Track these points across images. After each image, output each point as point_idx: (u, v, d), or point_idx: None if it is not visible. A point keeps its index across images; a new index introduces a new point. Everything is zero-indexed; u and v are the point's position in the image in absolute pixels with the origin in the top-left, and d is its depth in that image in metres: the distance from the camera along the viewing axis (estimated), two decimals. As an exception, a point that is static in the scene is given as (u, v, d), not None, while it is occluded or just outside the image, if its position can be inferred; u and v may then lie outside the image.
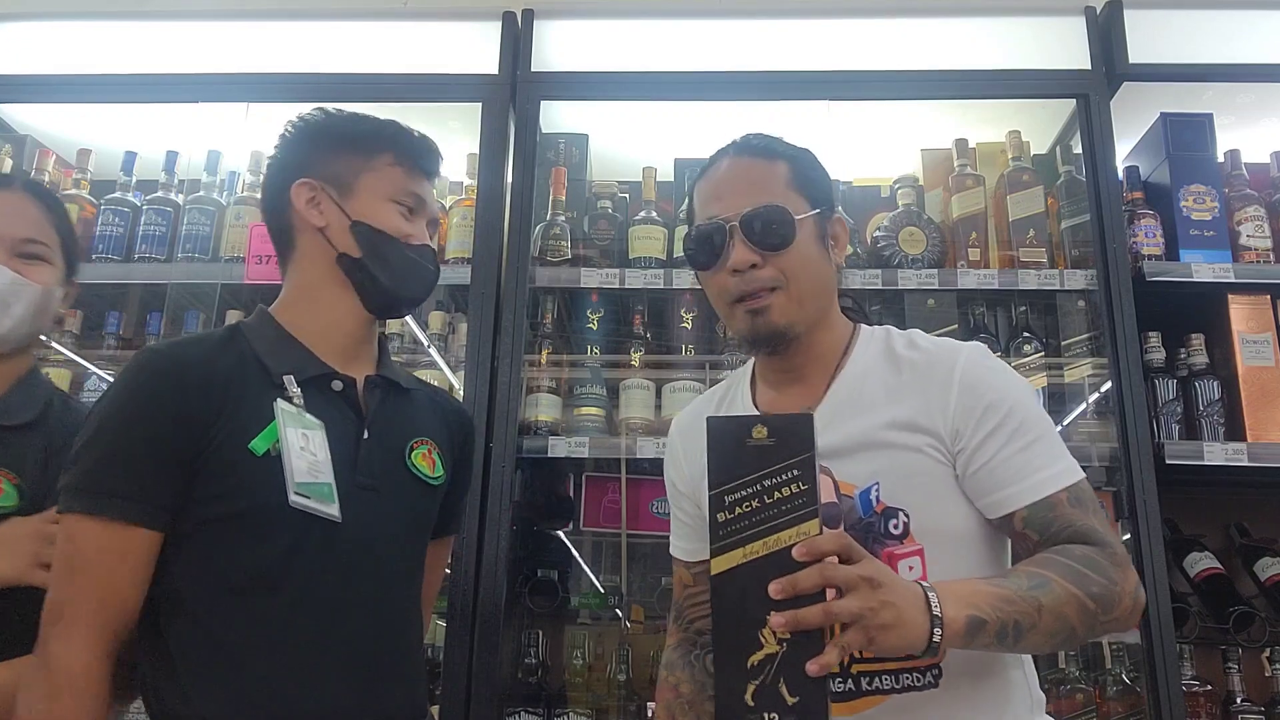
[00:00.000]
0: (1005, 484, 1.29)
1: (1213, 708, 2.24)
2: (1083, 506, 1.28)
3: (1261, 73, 2.47)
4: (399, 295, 1.44)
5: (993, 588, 1.15)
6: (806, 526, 1.04)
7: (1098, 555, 1.22)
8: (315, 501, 1.28)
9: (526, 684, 2.28)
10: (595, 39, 2.62)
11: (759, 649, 1.03)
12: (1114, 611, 1.20)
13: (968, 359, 1.35)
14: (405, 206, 1.43)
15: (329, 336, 1.41)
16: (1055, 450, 1.32)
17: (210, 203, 2.59)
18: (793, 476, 1.05)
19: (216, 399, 1.28)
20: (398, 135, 1.46)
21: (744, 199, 1.38)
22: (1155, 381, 2.34)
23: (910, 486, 1.30)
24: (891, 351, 1.41)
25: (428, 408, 1.52)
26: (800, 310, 1.38)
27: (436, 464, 1.46)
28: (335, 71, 2.56)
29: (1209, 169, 2.46)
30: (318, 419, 1.33)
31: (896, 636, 1.05)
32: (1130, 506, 2.16)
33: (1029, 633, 1.13)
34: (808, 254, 1.39)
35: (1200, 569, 2.40)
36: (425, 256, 1.46)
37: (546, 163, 2.61)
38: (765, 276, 1.36)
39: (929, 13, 2.58)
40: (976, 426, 1.30)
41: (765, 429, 1.06)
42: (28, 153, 2.77)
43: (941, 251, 2.47)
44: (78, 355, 2.62)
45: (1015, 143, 2.56)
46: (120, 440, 1.25)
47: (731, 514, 1.05)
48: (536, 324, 2.49)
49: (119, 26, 2.70)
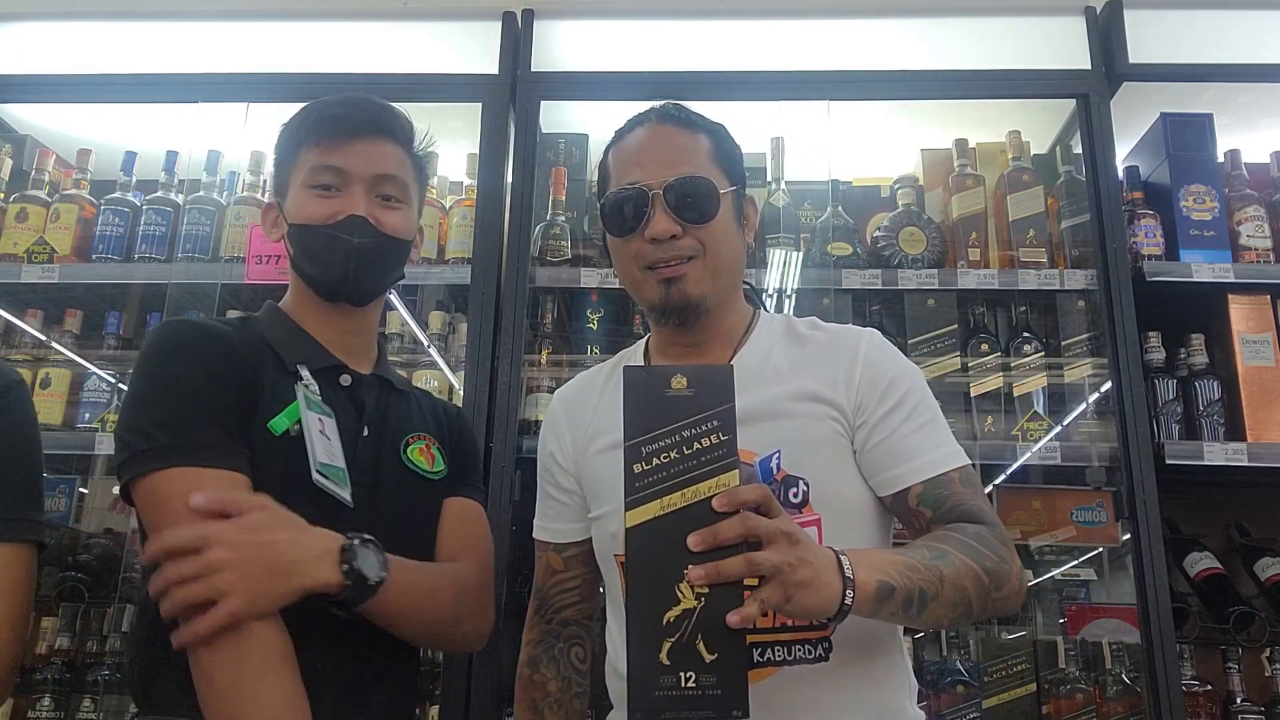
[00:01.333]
0: (903, 459, 1.31)
1: (1213, 708, 2.24)
2: (973, 487, 1.32)
3: (1261, 73, 2.47)
4: (330, 281, 1.39)
5: (898, 556, 1.15)
6: (726, 478, 1.02)
7: (989, 534, 1.24)
8: (333, 484, 1.29)
9: (526, 684, 2.28)
10: (595, 39, 2.63)
11: (675, 604, 0.99)
12: (1004, 589, 1.22)
13: (870, 340, 1.39)
14: (321, 185, 1.39)
15: (319, 332, 1.43)
16: (947, 434, 1.36)
17: (210, 203, 2.59)
18: (712, 427, 1.02)
19: (246, 371, 1.31)
20: (312, 117, 1.42)
21: (667, 168, 1.37)
22: (1155, 381, 2.34)
23: (811, 456, 1.30)
24: (794, 331, 1.43)
25: (420, 407, 1.53)
26: (714, 283, 1.37)
27: (436, 459, 1.47)
28: (335, 71, 2.56)
29: (1209, 169, 2.46)
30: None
31: (812, 595, 1.03)
32: (1130, 506, 2.16)
33: (932, 602, 1.14)
34: (727, 229, 1.39)
35: (1200, 569, 2.41)
36: (344, 228, 1.37)
37: (546, 163, 2.61)
38: (684, 246, 1.35)
39: (929, 13, 2.58)
40: (879, 401, 1.33)
41: (685, 379, 1.04)
42: (28, 153, 2.78)
43: (941, 251, 2.47)
44: (78, 355, 2.62)
45: (1015, 143, 2.56)
46: (184, 395, 1.25)
47: (648, 465, 1.02)
48: (536, 324, 2.49)
49: (119, 26, 2.70)
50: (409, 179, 1.46)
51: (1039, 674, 2.25)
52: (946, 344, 2.44)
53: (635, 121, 1.45)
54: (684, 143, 1.40)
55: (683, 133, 1.41)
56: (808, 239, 2.53)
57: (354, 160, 1.39)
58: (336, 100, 1.44)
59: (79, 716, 2.36)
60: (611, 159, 1.46)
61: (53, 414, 2.51)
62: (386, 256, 1.42)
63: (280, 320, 1.44)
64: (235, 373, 1.30)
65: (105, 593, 2.50)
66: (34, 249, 2.55)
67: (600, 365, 1.60)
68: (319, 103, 1.44)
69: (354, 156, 1.39)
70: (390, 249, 1.42)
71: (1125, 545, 2.24)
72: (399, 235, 1.43)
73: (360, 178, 1.39)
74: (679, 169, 1.36)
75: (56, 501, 2.77)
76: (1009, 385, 2.43)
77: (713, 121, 1.45)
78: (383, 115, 1.44)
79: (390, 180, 1.42)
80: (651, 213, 1.35)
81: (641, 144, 1.41)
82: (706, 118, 1.45)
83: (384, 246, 1.40)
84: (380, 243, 1.39)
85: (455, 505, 1.49)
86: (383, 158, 1.41)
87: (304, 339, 1.42)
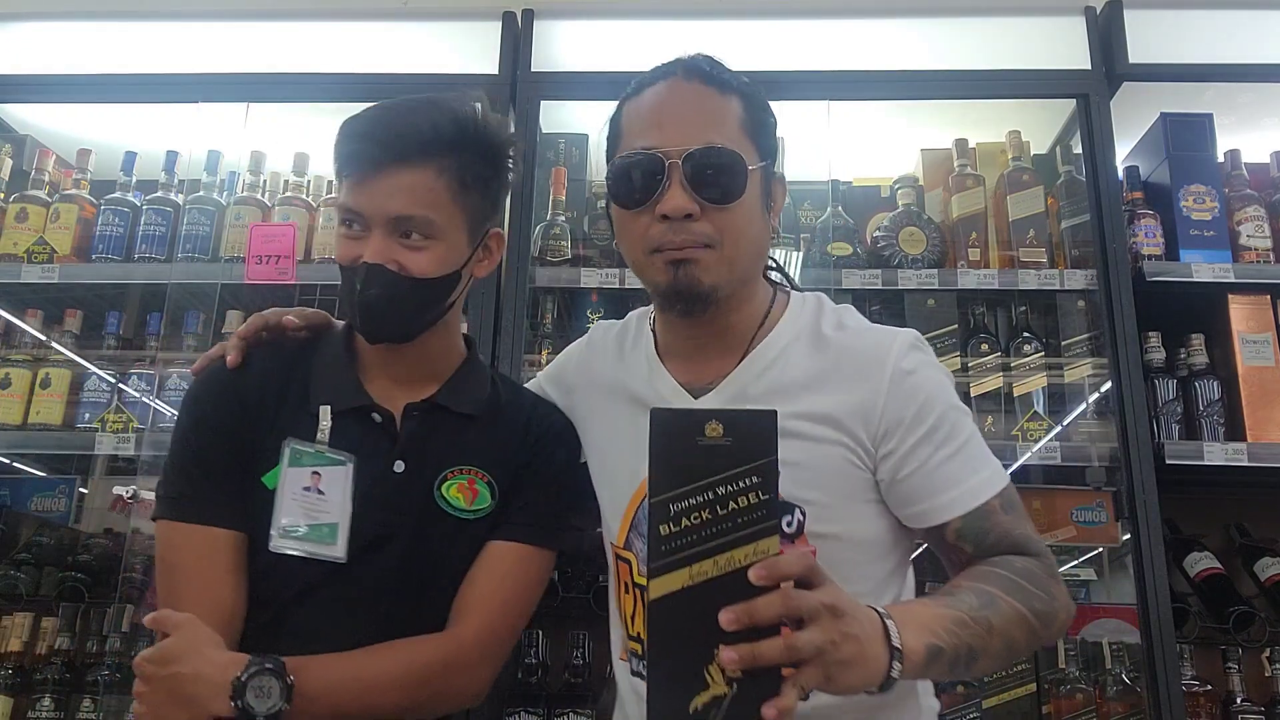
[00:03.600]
0: (937, 492, 1.18)
1: (1213, 708, 2.24)
2: (1015, 512, 1.20)
3: (1261, 73, 2.47)
4: (356, 327, 1.34)
5: (946, 610, 1.05)
6: (765, 544, 0.88)
7: (1037, 568, 1.16)
8: (309, 544, 1.28)
9: (526, 684, 2.28)
10: (595, 39, 2.62)
11: (704, 689, 0.87)
12: (1052, 627, 1.14)
13: (900, 353, 1.21)
14: (346, 224, 1.31)
15: (378, 361, 1.39)
16: (983, 451, 1.23)
17: (210, 203, 2.59)
18: (752, 484, 0.89)
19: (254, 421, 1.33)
20: (340, 145, 1.31)
21: (690, 133, 1.18)
22: (1155, 381, 2.34)
23: (815, 484, 1.18)
24: (818, 332, 1.26)
25: (487, 431, 1.39)
26: (730, 273, 1.21)
27: (480, 494, 1.35)
28: (335, 71, 2.56)
29: (1209, 169, 2.46)
30: (349, 452, 1.32)
31: (857, 672, 0.91)
32: (1130, 506, 2.16)
33: (980, 657, 1.05)
34: (751, 213, 1.21)
35: (1200, 569, 2.40)
36: (360, 276, 1.26)
37: (546, 163, 2.61)
38: (700, 231, 1.18)
39: (929, 13, 2.58)
40: (909, 429, 1.19)
41: (721, 426, 0.90)
42: (28, 153, 2.78)
43: (941, 251, 2.47)
44: (78, 355, 2.62)
45: (1015, 143, 2.56)
46: (182, 450, 1.33)
47: (677, 526, 0.88)
48: (536, 324, 2.49)
49: (119, 26, 2.70)
50: (443, 205, 1.29)
51: (1039, 674, 2.25)
52: (946, 344, 2.44)
53: (658, 73, 1.25)
54: (712, 105, 1.21)
55: (712, 93, 1.21)
56: (808, 239, 2.53)
57: (371, 201, 1.27)
58: (362, 123, 1.30)
59: (79, 716, 2.36)
60: (625, 115, 1.27)
61: (53, 414, 2.51)
62: (410, 302, 1.29)
63: (336, 344, 1.40)
64: (242, 424, 1.32)
65: (105, 593, 2.50)
66: (34, 249, 2.55)
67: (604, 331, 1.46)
68: (350, 122, 1.31)
69: (371, 196, 1.27)
70: (415, 292, 1.29)
71: (1125, 545, 2.24)
72: (427, 275, 1.29)
73: (378, 221, 1.27)
74: (703, 136, 1.18)
75: (56, 501, 2.77)
76: (1009, 385, 2.43)
77: (748, 81, 1.26)
78: (407, 137, 1.27)
79: (410, 220, 1.27)
80: (666, 185, 1.17)
81: (662, 102, 1.22)
82: (741, 76, 1.25)
83: (405, 293, 1.28)
84: (399, 291, 1.27)
85: (488, 551, 1.35)
86: (403, 194, 1.26)
87: (341, 372, 1.37)
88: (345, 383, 1.36)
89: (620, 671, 1.37)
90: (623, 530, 1.33)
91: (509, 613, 1.34)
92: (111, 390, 2.54)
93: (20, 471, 2.81)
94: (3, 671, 2.38)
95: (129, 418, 2.46)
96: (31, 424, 2.51)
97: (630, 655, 1.33)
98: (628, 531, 1.32)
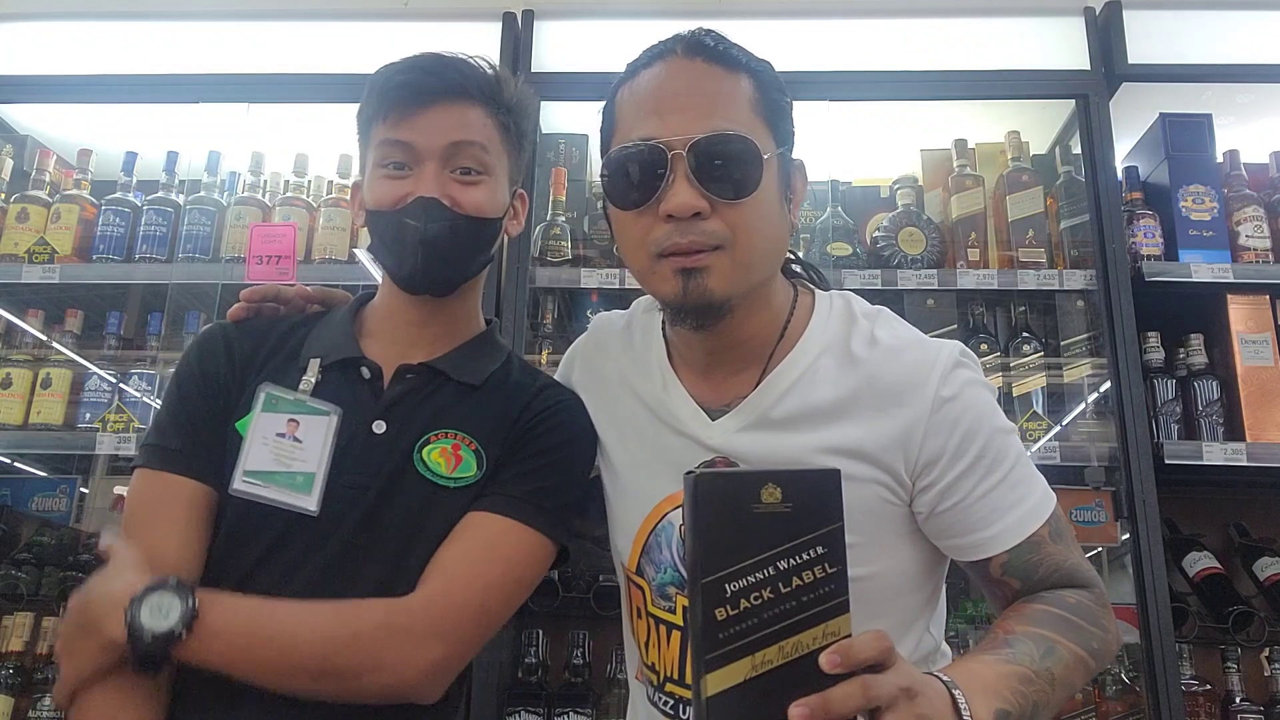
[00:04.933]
0: (981, 526, 1.10)
1: (1212, 707, 2.24)
2: (1063, 539, 1.13)
3: (1261, 73, 2.47)
4: (403, 273, 1.25)
5: (1010, 667, 0.98)
6: (835, 624, 0.79)
7: (1090, 601, 1.11)
8: (276, 492, 1.20)
9: (526, 684, 2.28)
10: (596, 39, 2.62)
11: None
12: (1105, 662, 1.10)
13: (941, 377, 1.10)
14: (393, 164, 1.24)
15: (388, 321, 1.34)
16: (1029, 473, 1.14)
17: (210, 203, 2.59)
18: (818, 555, 0.79)
19: (238, 374, 1.29)
20: (378, 88, 1.25)
21: (694, 119, 1.05)
22: (1154, 381, 2.34)
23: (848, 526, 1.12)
24: (847, 349, 1.14)
25: (483, 400, 1.30)
26: (747, 278, 1.08)
27: (465, 461, 1.24)
28: (335, 72, 2.56)
29: (1208, 169, 2.46)
30: (335, 406, 1.25)
31: None
32: (1130, 506, 2.16)
33: (1042, 710, 0.99)
34: (768, 208, 1.08)
35: (1199, 569, 2.41)
36: (413, 213, 1.20)
37: (546, 163, 2.62)
38: (711, 230, 1.05)
39: (929, 13, 2.58)
40: (953, 459, 1.09)
41: (779, 490, 0.79)
42: (28, 153, 2.78)
43: (941, 252, 2.48)
44: (78, 355, 2.62)
45: (1015, 143, 2.56)
46: (164, 402, 1.29)
47: (735, 609, 0.77)
48: (536, 324, 2.49)
49: (119, 26, 2.70)
50: (494, 143, 1.26)
51: (1038, 673, 2.25)
52: (946, 344, 2.44)
53: (656, 52, 1.12)
54: (718, 85, 1.07)
55: (717, 71, 1.08)
56: (807, 239, 2.53)
57: (423, 133, 1.22)
58: (404, 64, 1.25)
59: (80, 716, 2.36)
60: (620, 102, 1.13)
61: (53, 414, 2.51)
62: (465, 241, 1.23)
63: (337, 313, 1.37)
64: (230, 374, 1.29)
65: (106, 592, 2.50)
66: (35, 249, 2.55)
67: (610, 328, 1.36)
68: (386, 68, 1.26)
69: (423, 129, 1.21)
70: (470, 231, 1.23)
71: (1124, 545, 2.24)
72: (482, 214, 1.24)
73: (432, 153, 1.22)
74: (709, 122, 1.04)
75: (57, 501, 2.77)
76: (1008, 385, 2.44)
77: (758, 58, 1.13)
78: (457, 74, 1.24)
79: (467, 149, 1.23)
80: (670, 179, 1.04)
81: (661, 85, 1.09)
82: (750, 53, 1.13)
83: (461, 230, 1.22)
84: (457, 227, 1.21)
85: (465, 519, 1.22)
86: (457, 125, 1.22)
87: (339, 330, 1.32)
88: (339, 338, 1.31)
89: (636, 688, 1.30)
90: (634, 555, 1.22)
91: (474, 586, 1.16)
92: (112, 390, 2.54)
93: (21, 471, 2.82)
94: (3, 671, 2.38)
95: (130, 418, 2.46)
96: (32, 424, 2.51)
97: (645, 681, 1.24)
98: (640, 557, 1.22)
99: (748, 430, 1.14)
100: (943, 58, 2.53)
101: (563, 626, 2.40)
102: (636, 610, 1.25)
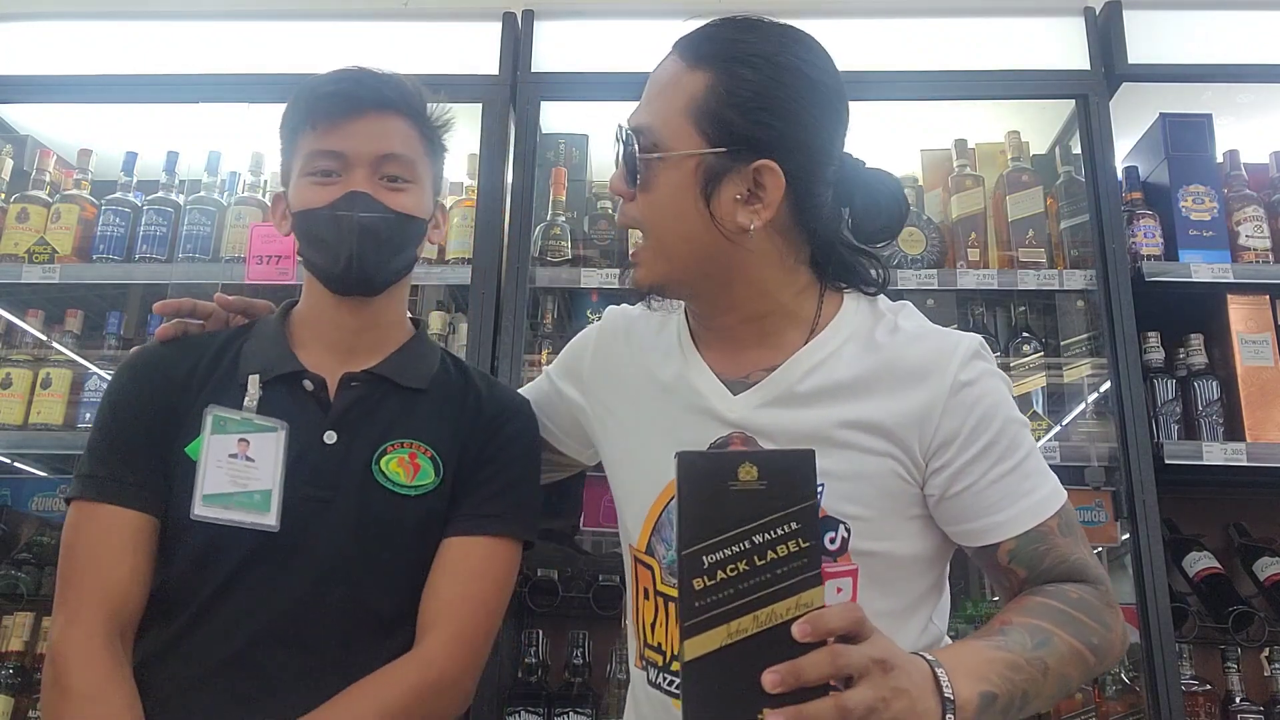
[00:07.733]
0: (991, 511, 1.12)
1: (1212, 707, 2.24)
2: (1072, 533, 1.15)
3: (1261, 73, 2.47)
4: (336, 268, 1.29)
5: (1000, 653, 1.00)
6: (808, 596, 0.83)
7: (1093, 598, 1.11)
8: (237, 512, 1.22)
9: (526, 684, 2.28)
10: (596, 39, 2.62)
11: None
12: (1107, 659, 1.11)
13: (963, 361, 1.14)
14: (321, 172, 1.29)
15: (320, 329, 1.36)
16: (1040, 466, 1.17)
17: (211, 203, 2.59)
18: (791, 531, 0.83)
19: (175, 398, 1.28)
20: (306, 97, 1.31)
21: (638, 109, 1.16)
22: (1154, 381, 2.34)
23: (861, 499, 1.12)
24: (871, 336, 1.19)
25: (437, 405, 1.35)
26: (669, 268, 1.16)
27: (423, 469, 1.29)
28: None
29: (1208, 169, 2.46)
30: (281, 420, 1.27)
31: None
32: (1130, 506, 2.16)
33: (1033, 699, 1.01)
34: (673, 204, 1.12)
35: (1199, 569, 2.40)
36: (345, 205, 1.26)
37: (546, 163, 2.61)
38: (626, 214, 1.17)
39: (929, 13, 2.58)
40: (965, 443, 1.12)
41: (755, 468, 0.84)
42: (28, 153, 2.78)
43: (941, 252, 2.48)
44: (78, 355, 2.62)
45: (1014, 143, 2.56)
46: (98, 430, 1.28)
47: (712, 580, 0.82)
48: (536, 324, 2.49)
49: (119, 26, 2.70)
50: (418, 155, 1.34)
51: (1038, 673, 2.25)
52: (946, 344, 2.44)
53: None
54: (666, 78, 1.15)
55: (678, 66, 1.15)
56: (807, 239, 2.53)
57: (352, 141, 1.28)
58: (332, 75, 1.31)
59: (80, 716, 2.36)
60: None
61: (53, 414, 2.51)
62: (394, 235, 1.29)
63: (273, 322, 1.38)
64: (166, 398, 1.28)
65: (106, 592, 2.50)
66: (35, 249, 2.55)
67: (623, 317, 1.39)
68: (313, 79, 1.32)
69: (352, 137, 1.28)
70: (398, 227, 1.29)
71: (1124, 545, 2.24)
72: (409, 212, 1.31)
73: (361, 160, 1.28)
74: (639, 113, 1.15)
75: (57, 501, 2.77)
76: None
77: (751, 55, 1.13)
78: (385, 87, 1.30)
79: (395, 160, 1.30)
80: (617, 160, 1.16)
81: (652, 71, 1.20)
82: (745, 48, 1.13)
83: (391, 224, 1.28)
84: (388, 219, 1.27)
85: (449, 551, 1.28)
86: (385, 135, 1.29)
87: (274, 343, 1.34)
88: (275, 352, 1.33)
89: (637, 677, 1.32)
90: (644, 534, 1.25)
91: (481, 616, 1.27)
92: (112, 390, 2.54)
93: (21, 471, 2.82)
94: (3, 671, 2.38)
95: (130, 418, 2.45)
96: (32, 424, 2.51)
97: (647, 665, 1.27)
98: (650, 536, 1.25)
99: (768, 406, 1.18)
100: (942, 58, 2.53)
101: (563, 626, 2.40)
102: (644, 591, 1.27)
